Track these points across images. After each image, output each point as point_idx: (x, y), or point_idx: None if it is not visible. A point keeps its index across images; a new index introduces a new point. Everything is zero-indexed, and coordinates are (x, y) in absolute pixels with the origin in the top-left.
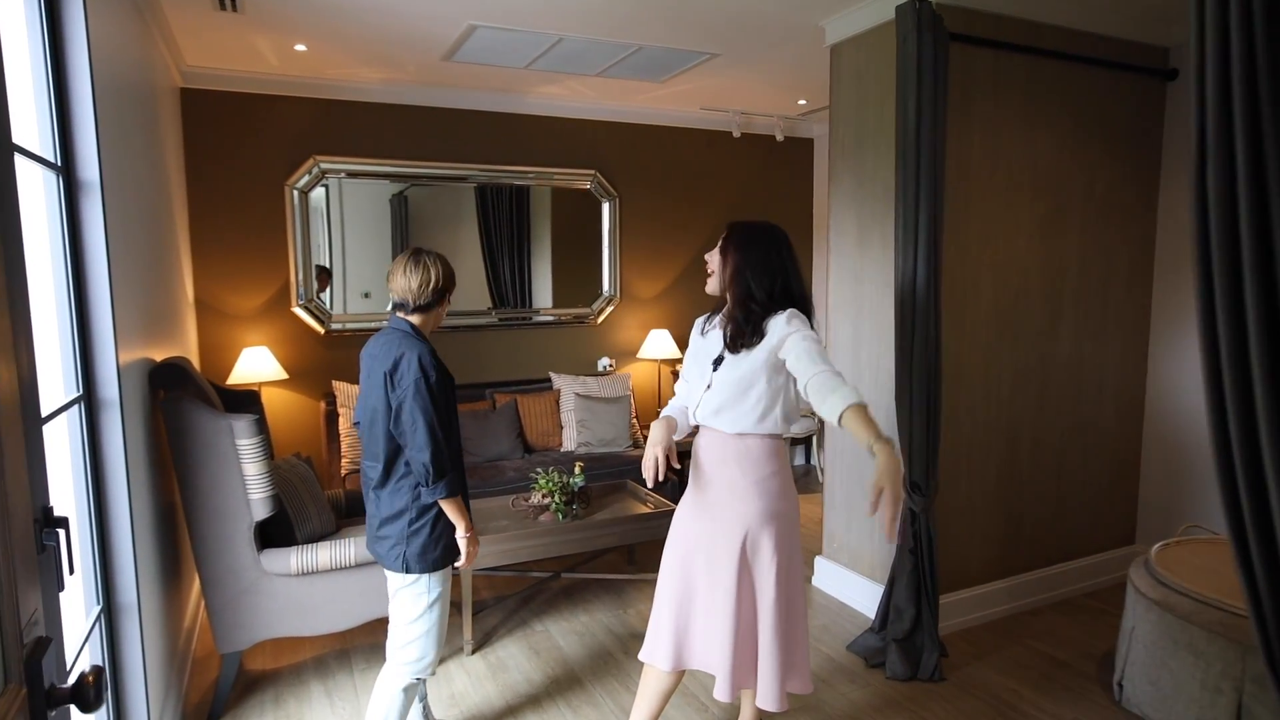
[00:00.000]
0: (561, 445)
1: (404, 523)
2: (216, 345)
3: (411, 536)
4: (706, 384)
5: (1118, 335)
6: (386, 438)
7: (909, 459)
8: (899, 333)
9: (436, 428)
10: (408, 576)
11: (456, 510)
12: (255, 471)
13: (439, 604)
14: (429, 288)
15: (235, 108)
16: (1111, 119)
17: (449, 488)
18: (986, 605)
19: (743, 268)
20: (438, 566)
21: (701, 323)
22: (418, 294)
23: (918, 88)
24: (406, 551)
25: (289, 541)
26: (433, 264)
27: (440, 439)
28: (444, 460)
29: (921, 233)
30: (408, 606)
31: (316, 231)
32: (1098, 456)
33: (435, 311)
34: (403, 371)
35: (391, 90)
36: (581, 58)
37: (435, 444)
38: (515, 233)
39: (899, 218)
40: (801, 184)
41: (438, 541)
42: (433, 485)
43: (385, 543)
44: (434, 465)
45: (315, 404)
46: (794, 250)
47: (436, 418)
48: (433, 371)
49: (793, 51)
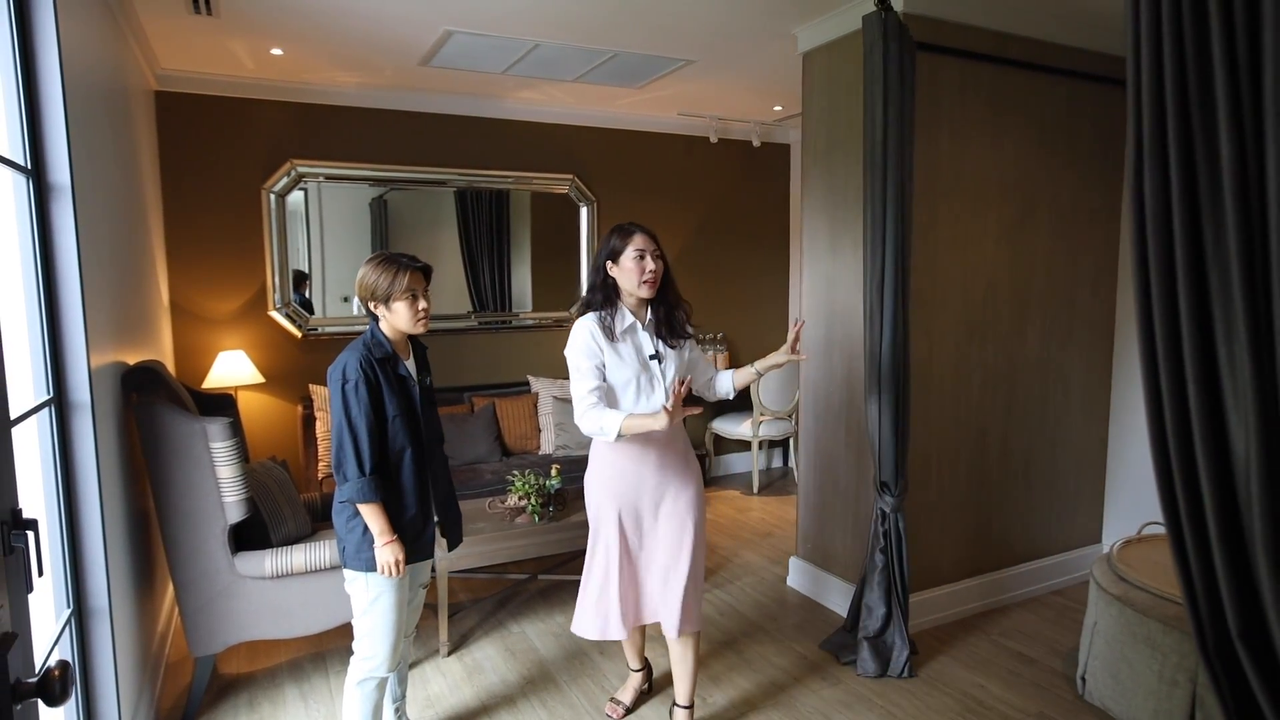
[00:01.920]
0: (539, 448)
1: (344, 518)
2: (192, 349)
3: (348, 534)
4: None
5: (1084, 338)
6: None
7: (879, 459)
8: (868, 335)
9: (345, 430)
10: (349, 572)
11: (371, 515)
12: (230, 475)
13: (381, 604)
14: (360, 297)
15: (211, 111)
16: (1075, 126)
17: (351, 491)
18: (957, 603)
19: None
20: (371, 567)
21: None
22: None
23: (884, 96)
24: (345, 548)
25: (264, 544)
26: (360, 271)
27: (349, 441)
28: (349, 462)
29: (889, 237)
30: (355, 600)
31: (295, 235)
32: (1065, 457)
33: (382, 319)
34: (331, 373)
35: (369, 94)
36: (558, 63)
37: (340, 445)
38: (495, 237)
39: (867, 223)
40: (779, 189)
41: (372, 543)
42: (339, 485)
43: (335, 534)
44: (336, 464)
45: (292, 408)
46: None
47: (348, 420)
48: (353, 376)
49: (767, 59)
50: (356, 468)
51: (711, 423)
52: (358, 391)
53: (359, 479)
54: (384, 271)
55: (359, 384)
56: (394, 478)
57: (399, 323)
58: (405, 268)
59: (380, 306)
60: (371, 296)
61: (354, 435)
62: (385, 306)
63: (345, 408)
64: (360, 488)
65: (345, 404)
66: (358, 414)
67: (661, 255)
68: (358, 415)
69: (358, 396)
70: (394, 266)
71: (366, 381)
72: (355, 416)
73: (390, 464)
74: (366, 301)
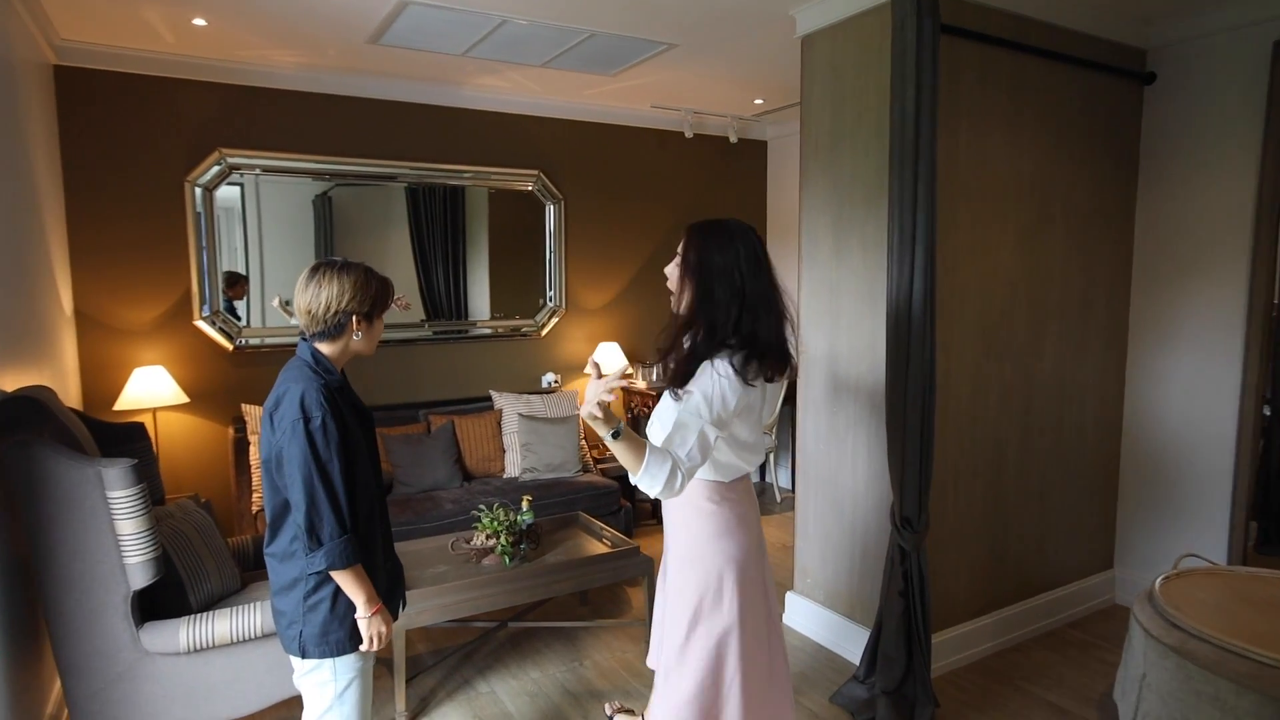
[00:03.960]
0: (504, 471)
1: (298, 595)
2: (102, 365)
3: (309, 613)
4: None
5: (1098, 351)
6: (272, 488)
7: (900, 493)
8: (892, 354)
9: (317, 481)
10: (307, 662)
11: (354, 583)
12: (133, 529)
13: (353, 693)
14: (329, 310)
15: (123, 91)
16: (1092, 122)
17: (332, 556)
18: (971, 644)
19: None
20: (343, 650)
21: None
22: (315, 318)
23: (917, 80)
24: (304, 632)
25: (180, 609)
26: (335, 279)
27: (323, 495)
28: (327, 521)
29: (920, 241)
30: (313, 698)
31: (231, 234)
32: (1079, 478)
33: (344, 339)
34: (282, 411)
35: (310, 77)
36: (526, 45)
37: (313, 501)
38: (450, 238)
39: (894, 224)
40: (755, 188)
41: (343, 619)
42: (310, 552)
43: (281, 619)
44: (309, 527)
45: (222, 430)
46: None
47: (319, 468)
48: (317, 412)
49: (756, 44)
50: (337, 525)
51: None
52: (326, 430)
53: (338, 540)
54: (380, 284)
55: (326, 420)
56: (363, 533)
57: (366, 345)
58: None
59: (361, 323)
60: (356, 309)
61: (329, 487)
62: (367, 322)
63: (313, 453)
64: (342, 550)
65: (313, 448)
66: (330, 458)
67: (686, 264)
68: (330, 460)
69: (327, 436)
70: (383, 279)
71: (334, 414)
72: (328, 462)
73: (361, 516)
74: (332, 318)
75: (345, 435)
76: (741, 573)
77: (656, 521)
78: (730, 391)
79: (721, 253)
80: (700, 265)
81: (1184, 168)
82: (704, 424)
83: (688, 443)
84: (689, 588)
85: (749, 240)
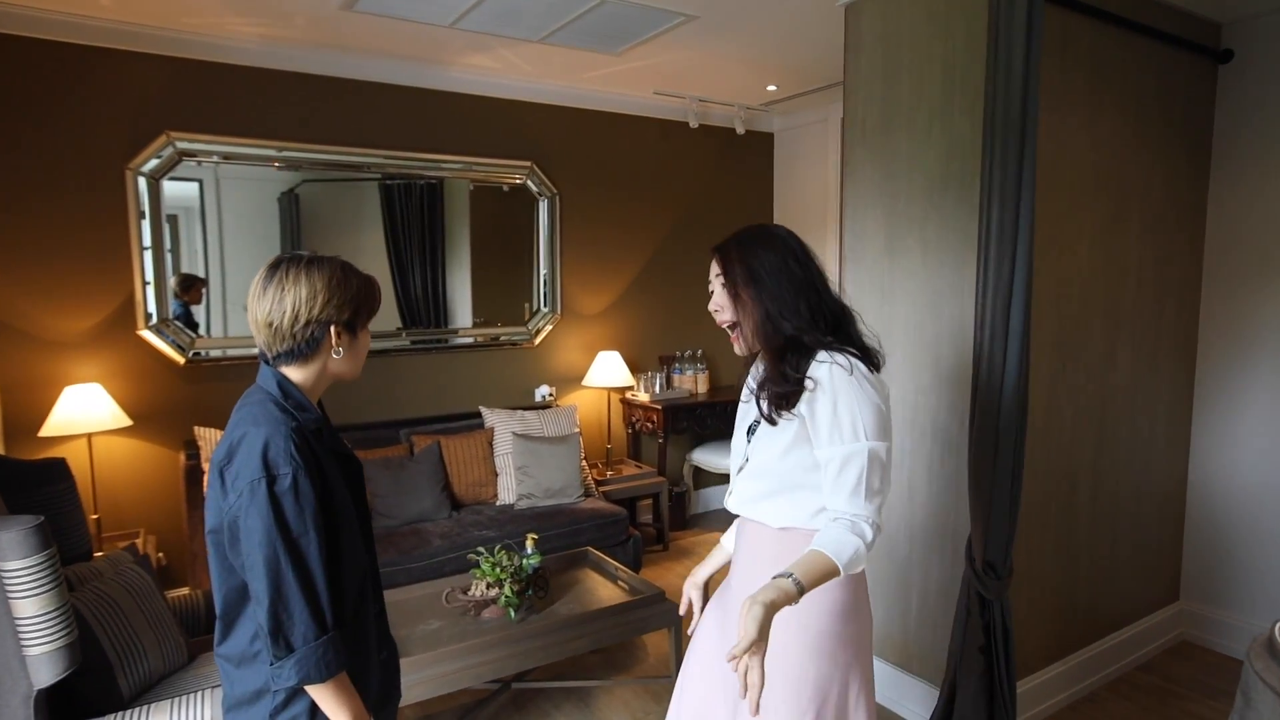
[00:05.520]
0: (497, 498)
1: (262, 713)
2: (26, 383)
3: None
4: (741, 461)
5: (1168, 359)
6: (224, 568)
7: (985, 532)
8: (985, 369)
9: (285, 565)
10: None
11: (336, 699)
12: (36, 610)
13: None
14: (296, 322)
15: (50, 62)
16: (1167, 107)
17: (307, 667)
18: (1044, 697)
19: (771, 303)
20: None
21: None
22: (279, 333)
23: (1026, 45)
24: None
25: (106, 701)
26: (302, 279)
27: (294, 584)
28: (299, 620)
29: (1021, 240)
30: None
31: (192, 235)
32: (1148, 501)
33: (319, 359)
34: (237, 467)
35: (273, 51)
36: (523, 15)
37: (279, 592)
38: (428, 236)
39: (989, 220)
40: (763, 183)
41: None
42: (277, 661)
43: None
44: (274, 628)
45: (172, 456)
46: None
47: (289, 547)
48: (286, 468)
49: (786, 14)
50: (314, 625)
51: (691, 453)
52: (299, 493)
53: (316, 644)
54: (362, 282)
55: (299, 479)
56: (350, 622)
57: (349, 366)
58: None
59: (342, 335)
60: (333, 318)
61: (303, 571)
62: (349, 334)
63: (280, 526)
64: (320, 658)
65: (279, 519)
66: (304, 530)
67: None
68: (305, 533)
69: (300, 501)
70: (366, 276)
71: (309, 472)
72: (301, 537)
73: (348, 602)
74: (300, 331)
75: (327, 498)
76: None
77: (662, 546)
78: (872, 385)
79: (769, 249)
80: (752, 272)
81: (1262, 158)
82: (868, 444)
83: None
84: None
85: (785, 232)
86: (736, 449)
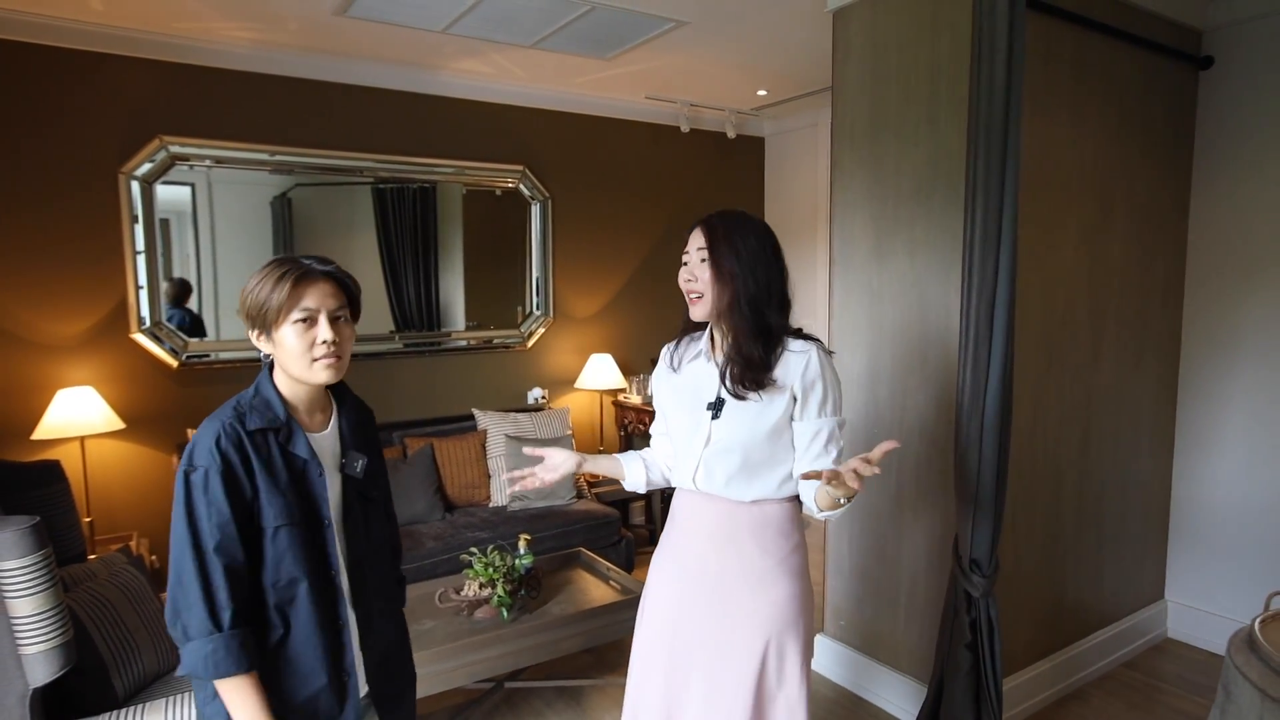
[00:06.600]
0: (490, 500)
1: (204, 695)
2: (17, 387)
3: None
4: (704, 438)
5: (1152, 359)
6: None
7: (971, 530)
8: (969, 369)
9: (187, 552)
10: None
11: (238, 696)
12: (32, 610)
13: None
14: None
15: (44, 67)
16: (1150, 110)
17: (194, 660)
18: (1029, 695)
19: (750, 285)
20: None
21: (671, 352)
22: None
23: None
24: None
25: (101, 701)
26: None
27: (192, 574)
28: (194, 611)
29: (1004, 242)
30: None
31: (184, 239)
32: (1133, 501)
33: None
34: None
35: (266, 56)
36: (516, 19)
37: (179, 578)
38: (421, 240)
39: (974, 222)
40: (753, 187)
41: None
42: (180, 648)
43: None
44: (173, 611)
45: (165, 459)
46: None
47: (193, 537)
48: (202, 462)
49: (775, 21)
50: (207, 619)
51: None
52: (207, 489)
53: (208, 638)
54: (265, 280)
55: (210, 477)
56: (281, 631)
57: (289, 364)
58: (296, 274)
59: (263, 337)
60: (250, 322)
61: (202, 564)
62: (268, 337)
63: (188, 515)
64: (210, 655)
65: (188, 509)
66: (206, 527)
67: (717, 262)
68: (206, 529)
69: (207, 497)
70: (281, 271)
71: (225, 472)
72: (203, 530)
73: (271, 608)
74: (250, 331)
75: (238, 499)
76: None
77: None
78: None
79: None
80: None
81: (1242, 162)
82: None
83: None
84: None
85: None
86: (693, 426)
